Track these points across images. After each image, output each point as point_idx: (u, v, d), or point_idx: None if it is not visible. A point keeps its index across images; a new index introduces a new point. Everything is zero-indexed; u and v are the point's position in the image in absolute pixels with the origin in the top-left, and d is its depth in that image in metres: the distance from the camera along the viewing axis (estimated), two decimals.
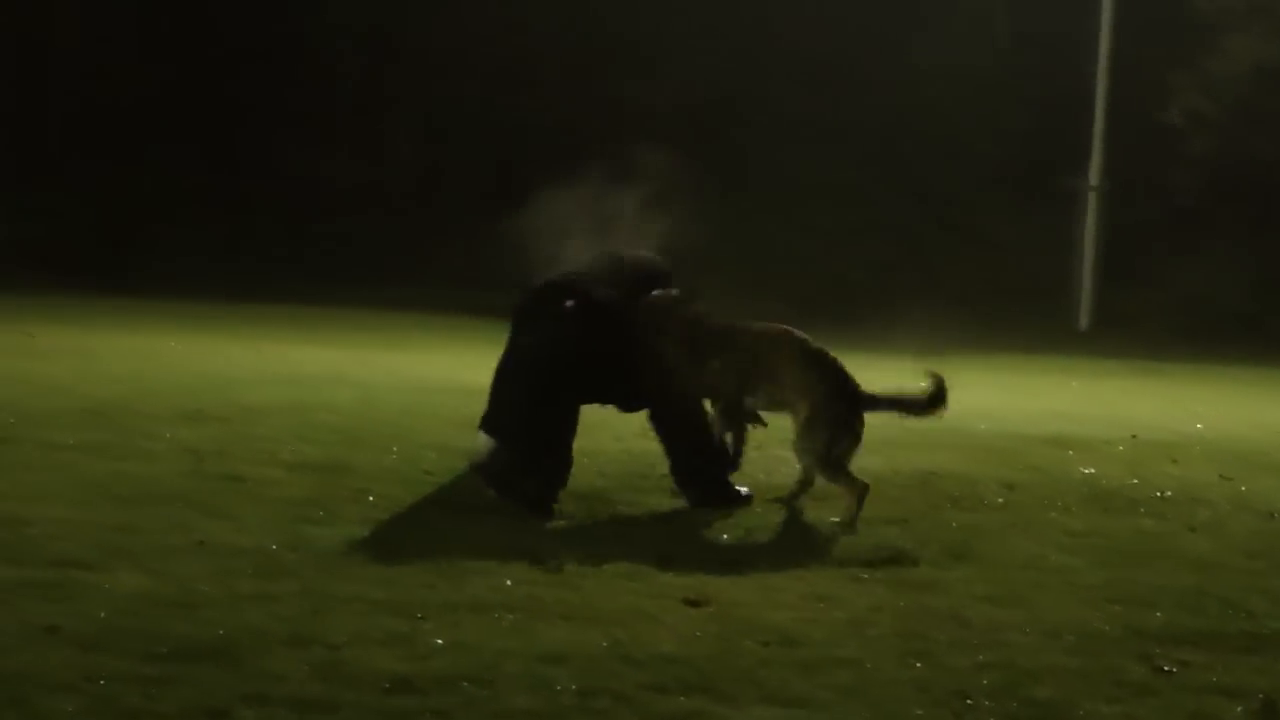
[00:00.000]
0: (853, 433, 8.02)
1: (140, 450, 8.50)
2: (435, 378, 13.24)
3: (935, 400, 8.30)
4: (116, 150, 31.81)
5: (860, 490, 7.84)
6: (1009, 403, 14.38)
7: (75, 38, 32.74)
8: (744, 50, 31.64)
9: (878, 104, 31.34)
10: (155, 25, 31.97)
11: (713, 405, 8.18)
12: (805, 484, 8.07)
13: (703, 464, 8.02)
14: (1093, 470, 9.56)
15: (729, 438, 8.17)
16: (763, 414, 8.36)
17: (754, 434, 8.34)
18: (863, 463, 9.31)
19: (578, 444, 7.91)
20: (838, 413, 7.95)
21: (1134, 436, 11.44)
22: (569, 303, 8.07)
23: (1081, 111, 27.53)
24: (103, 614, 5.20)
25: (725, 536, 7.01)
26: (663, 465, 8.77)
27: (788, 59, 31.60)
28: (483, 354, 9.50)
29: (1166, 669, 5.05)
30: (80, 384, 11.66)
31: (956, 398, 8.17)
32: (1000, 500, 8.25)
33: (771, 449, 8.59)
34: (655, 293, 8.30)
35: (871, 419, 8.09)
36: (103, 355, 14.58)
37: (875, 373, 16.46)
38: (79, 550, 6.02)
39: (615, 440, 9.58)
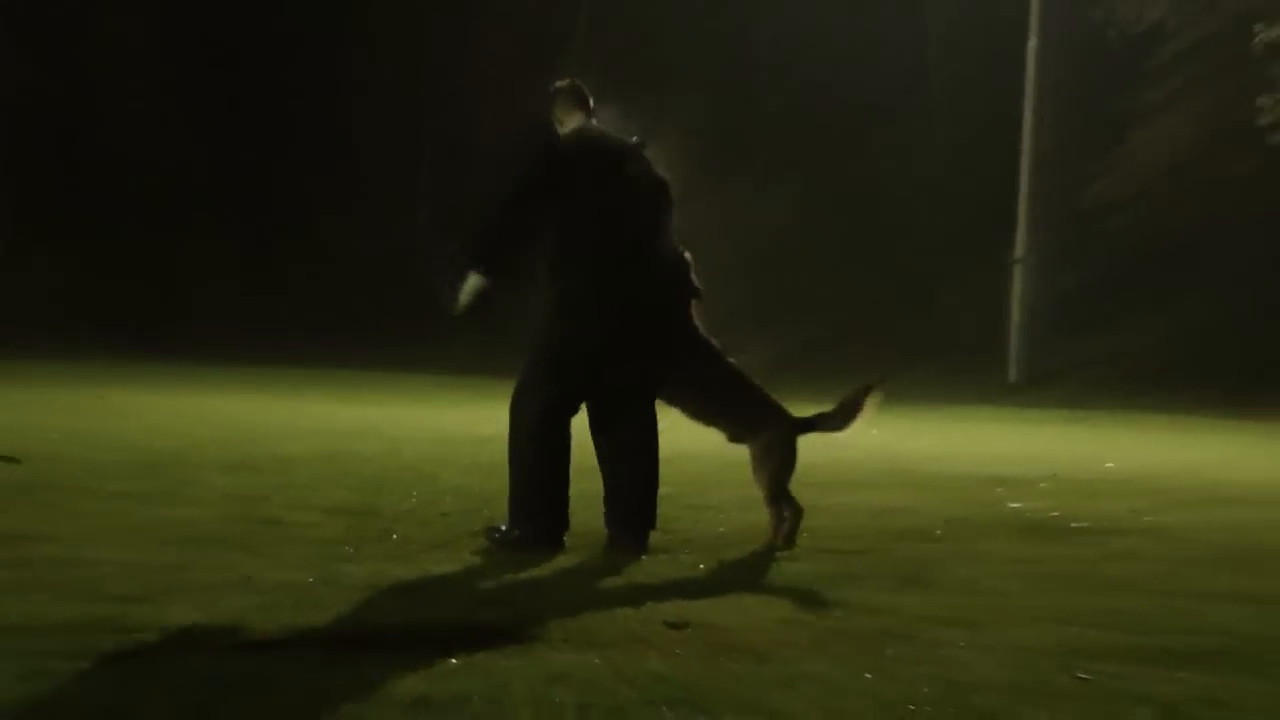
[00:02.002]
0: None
1: (190, 498, 8.51)
2: (452, 430, 13.26)
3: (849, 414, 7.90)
4: (169, 223, 31.84)
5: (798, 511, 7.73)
6: (950, 447, 14.43)
7: (143, 139, 32.74)
8: (726, 139, 31.72)
9: (844, 190, 31.55)
10: (206, 111, 31.84)
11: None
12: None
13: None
14: (1021, 505, 9.57)
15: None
16: None
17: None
18: (825, 500, 9.34)
19: (579, 486, 7.69)
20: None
21: (1056, 475, 11.47)
22: None
23: (1011, 195, 27.68)
24: (156, 647, 5.19)
25: (701, 566, 7.00)
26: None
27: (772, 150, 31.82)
28: (495, 408, 9.50)
29: (1086, 678, 5.05)
30: (139, 439, 11.67)
31: (909, 444, 8.23)
32: (942, 532, 8.26)
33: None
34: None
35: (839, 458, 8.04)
36: (164, 412, 14.59)
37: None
38: (137, 588, 6.00)
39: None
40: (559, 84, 7.60)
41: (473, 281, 7.29)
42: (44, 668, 4.83)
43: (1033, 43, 27.21)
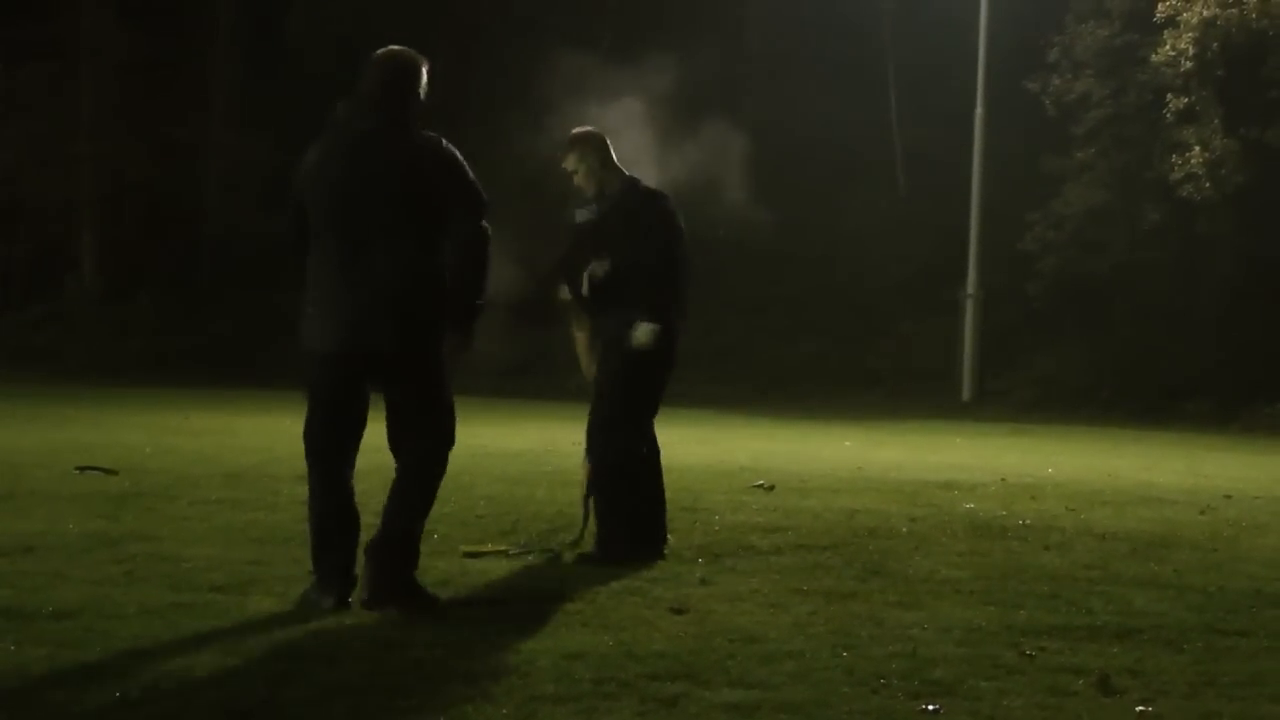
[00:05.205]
0: None
1: (267, 503, 8.50)
2: (486, 446, 13.21)
3: None
4: (254, 283, 31.85)
5: None
6: (912, 457, 14.40)
7: (220, 200, 32.89)
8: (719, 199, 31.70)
9: (815, 238, 31.52)
10: (280, 186, 31.85)
11: None
12: None
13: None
14: (973, 506, 9.54)
15: None
16: None
17: None
18: (802, 503, 9.32)
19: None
20: None
21: (1003, 480, 11.44)
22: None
23: (961, 240, 27.72)
24: (240, 628, 5.19)
25: (700, 560, 6.98)
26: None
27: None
28: (521, 428, 9.47)
29: (1030, 654, 5.04)
30: (222, 454, 11.66)
31: (876, 455, 8.11)
32: (905, 530, 8.24)
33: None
34: None
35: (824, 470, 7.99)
36: (241, 432, 14.58)
37: (817, 439, 16.32)
38: (222, 579, 6.01)
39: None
40: (593, 130, 7.05)
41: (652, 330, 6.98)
42: (151, 647, 4.85)
43: (979, 110, 27.33)
